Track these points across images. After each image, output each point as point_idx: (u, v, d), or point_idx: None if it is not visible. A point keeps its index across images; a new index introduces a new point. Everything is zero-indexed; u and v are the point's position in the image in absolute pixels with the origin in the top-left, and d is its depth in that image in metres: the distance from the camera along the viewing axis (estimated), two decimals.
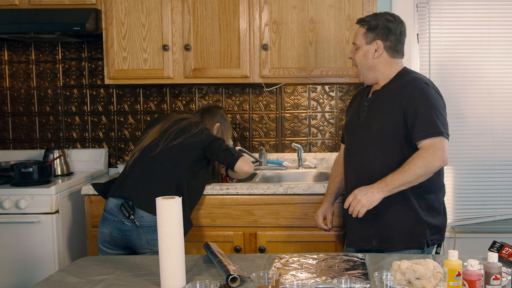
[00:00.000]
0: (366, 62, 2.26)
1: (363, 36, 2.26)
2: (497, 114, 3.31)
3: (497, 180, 3.33)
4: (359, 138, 2.27)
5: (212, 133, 2.71)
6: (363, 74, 2.29)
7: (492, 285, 1.49)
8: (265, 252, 2.74)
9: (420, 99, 2.14)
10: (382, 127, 2.18)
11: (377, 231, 2.19)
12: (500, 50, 3.28)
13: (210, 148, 2.59)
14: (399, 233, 2.18)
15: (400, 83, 2.22)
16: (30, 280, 2.81)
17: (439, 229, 2.26)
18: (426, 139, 2.10)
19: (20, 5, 3.10)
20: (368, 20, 2.27)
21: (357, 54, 2.27)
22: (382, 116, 2.20)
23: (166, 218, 1.65)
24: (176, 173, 2.53)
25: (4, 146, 3.54)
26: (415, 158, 2.08)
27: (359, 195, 2.09)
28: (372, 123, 2.22)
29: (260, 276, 1.57)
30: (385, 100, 2.22)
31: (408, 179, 2.07)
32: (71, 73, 3.49)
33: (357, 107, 2.35)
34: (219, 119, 2.83)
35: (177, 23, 3.05)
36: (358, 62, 2.28)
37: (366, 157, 2.21)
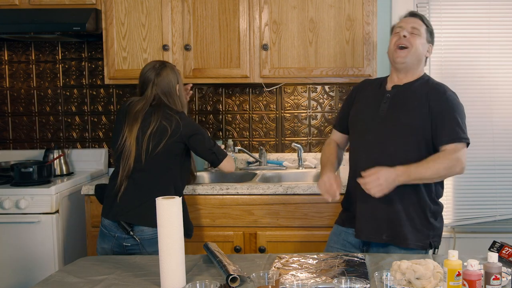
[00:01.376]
0: (421, 51, 2.27)
1: (425, 32, 2.28)
2: (497, 114, 3.31)
3: (497, 180, 3.33)
4: (379, 130, 2.22)
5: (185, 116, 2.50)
6: (412, 61, 2.25)
7: (492, 285, 1.49)
8: (265, 252, 2.74)
9: (450, 105, 2.19)
10: (408, 123, 2.19)
11: (389, 226, 2.19)
12: (500, 50, 3.28)
13: (192, 144, 2.48)
14: (409, 232, 2.19)
15: (426, 85, 2.26)
16: (30, 280, 2.81)
17: (440, 232, 2.28)
18: (451, 144, 2.14)
19: (20, 5, 3.10)
20: (428, 22, 2.32)
21: (417, 39, 2.25)
22: (410, 112, 2.20)
23: (166, 218, 1.65)
24: (171, 178, 2.45)
25: (4, 146, 3.54)
26: (441, 158, 2.10)
27: (382, 178, 2.02)
28: (397, 117, 2.20)
29: (260, 276, 1.57)
30: (411, 97, 2.23)
31: (429, 175, 2.10)
32: (71, 73, 3.49)
33: (373, 97, 2.31)
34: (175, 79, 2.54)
35: (177, 23, 3.05)
36: (415, 46, 2.24)
37: (387, 149, 2.18)
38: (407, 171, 2.07)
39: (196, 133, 2.48)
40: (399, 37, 2.26)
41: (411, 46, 2.24)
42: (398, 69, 2.28)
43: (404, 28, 2.27)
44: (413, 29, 2.26)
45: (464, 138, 2.16)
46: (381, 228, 2.19)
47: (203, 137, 2.49)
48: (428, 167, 2.08)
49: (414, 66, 2.28)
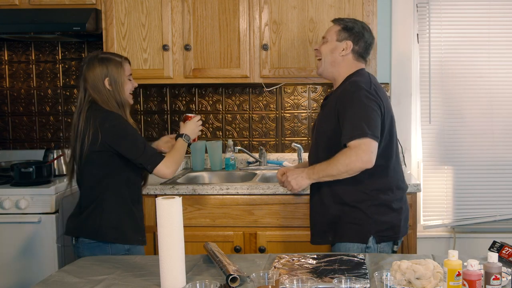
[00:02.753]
0: (331, 56, 2.32)
1: (335, 33, 2.32)
2: (497, 114, 3.31)
3: (497, 180, 3.33)
4: (313, 140, 2.40)
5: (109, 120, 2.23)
6: (324, 67, 2.34)
7: (492, 285, 1.49)
8: (265, 252, 2.74)
9: (348, 103, 2.20)
10: (324, 131, 2.29)
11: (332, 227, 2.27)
12: (500, 50, 3.28)
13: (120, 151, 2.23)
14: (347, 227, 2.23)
15: (342, 87, 2.30)
16: (30, 280, 2.80)
17: (391, 224, 2.26)
18: (352, 141, 2.14)
19: (20, 5, 3.10)
20: (346, 21, 2.35)
21: (324, 47, 2.33)
22: (324, 120, 2.30)
23: (166, 218, 1.65)
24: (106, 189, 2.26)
25: (4, 146, 3.54)
26: (340, 154, 2.15)
27: (289, 177, 2.24)
28: (318, 127, 2.34)
29: (260, 276, 1.57)
30: (329, 105, 2.31)
31: (331, 172, 2.17)
32: (71, 73, 3.49)
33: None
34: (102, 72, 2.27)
35: (177, 23, 3.05)
36: (323, 54, 2.33)
37: (316, 158, 2.29)
38: (312, 168, 2.22)
39: (119, 138, 2.22)
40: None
41: (321, 55, 2.35)
42: (326, 79, 2.42)
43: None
44: (323, 39, 2.37)
45: (363, 133, 2.12)
46: (325, 231, 2.29)
47: (127, 143, 2.23)
48: (328, 164, 2.17)
49: (334, 71, 2.34)
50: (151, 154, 2.26)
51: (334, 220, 2.25)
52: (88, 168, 2.28)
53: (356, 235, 2.22)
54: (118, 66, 2.29)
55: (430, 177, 3.35)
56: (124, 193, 2.29)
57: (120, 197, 2.28)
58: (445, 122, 3.32)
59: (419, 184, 2.78)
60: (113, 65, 2.28)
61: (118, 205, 2.28)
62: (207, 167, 3.37)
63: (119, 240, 2.27)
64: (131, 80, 2.36)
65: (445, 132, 3.32)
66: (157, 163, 2.25)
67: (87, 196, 2.31)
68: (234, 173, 3.29)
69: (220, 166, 3.34)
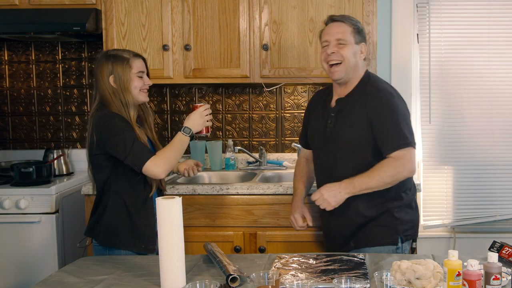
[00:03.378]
0: (354, 60, 2.22)
1: (352, 35, 2.21)
2: (497, 114, 3.31)
3: (497, 180, 3.33)
4: (328, 150, 2.27)
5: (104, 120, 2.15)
6: (347, 73, 2.23)
7: (492, 285, 1.49)
8: (265, 252, 2.74)
9: (387, 111, 2.17)
10: (351, 140, 2.20)
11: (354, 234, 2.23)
12: (500, 50, 3.28)
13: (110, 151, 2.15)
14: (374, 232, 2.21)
15: (364, 92, 2.23)
16: (30, 280, 2.81)
17: (413, 224, 2.29)
18: (395, 151, 2.14)
19: (20, 5, 3.10)
20: (354, 21, 2.25)
21: (347, 50, 2.20)
22: (351, 128, 2.21)
23: (166, 218, 1.65)
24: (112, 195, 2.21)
25: (4, 146, 3.54)
26: (385, 166, 2.13)
27: (326, 195, 2.12)
28: (340, 135, 2.23)
29: (260, 276, 1.57)
30: (351, 110, 2.23)
31: (375, 185, 2.13)
32: (71, 73, 3.49)
33: (321, 116, 2.34)
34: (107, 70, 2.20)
35: (177, 23, 3.05)
36: (346, 58, 2.20)
37: (337, 170, 2.22)
38: (351, 182, 2.12)
39: (107, 139, 2.13)
40: (327, 54, 2.22)
41: (343, 59, 2.20)
42: (338, 83, 2.29)
43: (330, 42, 2.22)
44: (339, 41, 2.20)
45: (407, 143, 2.15)
46: (347, 238, 2.24)
47: (115, 141, 2.12)
48: (373, 177, 2.11)
49: (352, 76, 2.26)
50: (138, 152, 2.09)
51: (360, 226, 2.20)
52: (94, 172, 2.27)
53: (387, 237, 2.21)
54: (124, 62, 2.19)
55: (430, 177, 3.35)
56: (126, 197, 2.20)
57: (121, 202, 2.20)
58: (445, 122, 3.32)
59: (419, 184, 2.78)
60: (119, 62, 2.19)
61: (118, 209, 2.21)
62: (207, 167, 3.37)
63: (115, 245, 2.21)
64: (142, 78, 2.23)
65: (445, 132, 3.32)
66: (144, 161, 2.07)
67: (96, 199, 2.29)
68: (234, 173, 3.29)
69: (220, 166, 3.34)
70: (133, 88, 2.21)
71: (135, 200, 2.20)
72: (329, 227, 2.32)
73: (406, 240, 2.25)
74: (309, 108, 2.49)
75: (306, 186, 2.47)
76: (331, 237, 2.32)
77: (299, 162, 2.55)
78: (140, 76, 2.24)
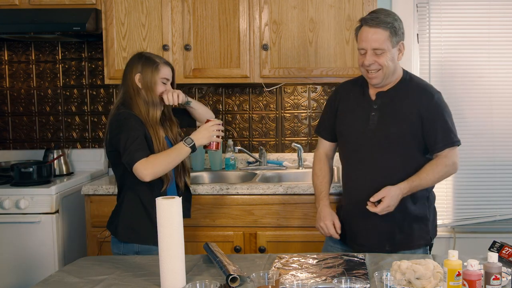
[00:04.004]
0: (393, 64, 2.17)
1: (389, 40, 2.13)
2: (497, 114, 3.31)
3: (497, 180, 3.33)
4: (373, 143, 2.19)
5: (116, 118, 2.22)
6: (386, 78, 2.18)
7: (492, 285, 1.49)
8: (265, 252, 2.74)
9: (439, 109, 2.20)
10: (401, 133, 2.17)
11: (391, 237, 2.21)
12: (500, 50, 3.28)
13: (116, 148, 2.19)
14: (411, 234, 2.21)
15: (411, 88, 2.22)
16: (30, 280, 2.81)
17: (435, 224, 2.33)
18: (446, 149, 2.18)
19: (20, 5, 3.10)
20: (390, 22, 2.14)
21: (384, 58, 2.13)
22: (400, 122, 2.18)
23: (166, 218, 1.65)
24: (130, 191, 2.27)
25: (4, 146, 3.54)
26: (439, 166, 2.17)
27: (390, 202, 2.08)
28: (388, 129, 2.18)
29: (260, 276, 1.57)
30: (399, 105, 2.20)
31: (429, 184, 2.18)
32: (71, 73, 3.49)
33: (360, 108, 2.26)
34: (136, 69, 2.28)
35: (177, 23, 3.05)
36: (385, 66, 2.14)
37: (384, 162, 2.18)
38: (409, 185, 2.12)
39: (116, 134, 2.18)
40: (365, 63, 2.16)
41: (382, 66, 2.15)
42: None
43: (367, 51, 2.15)
44: (376, 50, 2.13)
45: (456, 141, 2.21)
46: (383, 240, 2.21)
47: (119, 138, 2.16)
48: (428, 177, 2.15)
49: (393, 77, 2.22)
50: (134, 151, 2.10)
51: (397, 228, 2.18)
52: (112, 168, 2.34)
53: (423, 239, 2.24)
54: (153, 66, 2.26)
55: None
56: (141, 193, 2.24)
57: (136, 197, 2.25)
58: None
59: None
60: (149, 64, 2.26)
61: (134, 205, 2.26)
62: (207, 167, 3.37)
63: (131, 240, 2.26)
64: (165, 84, 2.29)
65: None
66: (135, 161, 2.09)
67: (117, 195, 2.36)
68: (234, 173, 3.29)
69: (220, 166, 3.34)
70: (156, 91, 2.27)
71: (150, 195, 2.20)
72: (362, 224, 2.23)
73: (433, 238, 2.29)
74: (335, 99, 2.37)
75: (329, 188, 2.38)
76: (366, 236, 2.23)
77: (320, 159, 2.41)
78: (164, 82, 2.29)
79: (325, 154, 2.42)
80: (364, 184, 2.20)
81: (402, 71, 2.28)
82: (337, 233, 2.26)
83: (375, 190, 2.13)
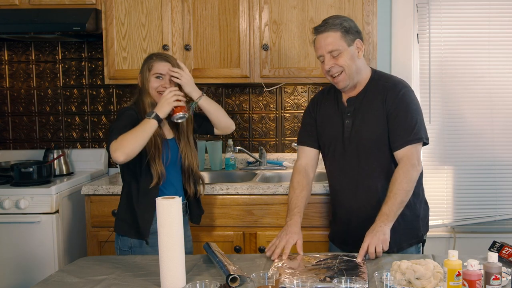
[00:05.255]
0: (354, 64, 2.15)
1: (342, 40, 2.12)
2: (497, 114, 3.31)
3: (497, 180, 3.33)
4: (350, 152, 2.19)
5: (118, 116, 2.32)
6: (352, 79, 2.16)
7: (492, 285, 1.49)
8: (265, 252, 2.73)
9: (402, 105, 2.14)
10: (374, 137, 2.15)
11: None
12: (500, 50, 3.28)
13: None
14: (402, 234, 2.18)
15: (379, 88, 2.19)
16: (30, 280, 2.81)
17: (426, 219, 2.30)
18: (405, 147, 2.11)
19: (20, 5, 3.10)
20: (338, 24, 2.13)
21: (342, 58, 2.12)
22: (372, 125, 2.16)
23: (166, 218, 1.65)
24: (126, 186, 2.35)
25: (4, 146, 3.54)
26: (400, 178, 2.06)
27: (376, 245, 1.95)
28: (362, 134, 2.17)
29: (260, 276, 1.57)
30: (369, 107, 2.18)
31: (402, 199, 2.05)
32: (71, 73, 3.49)
33: (335, 115, 2.26)
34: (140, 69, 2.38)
35: (177, 23, 3.05)
36: (345, 66, 2.13)
37: (363, 169, 2.17)
38: (387, 217, 2.01)
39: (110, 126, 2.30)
40: (326, 69, 2.16)
41: (343, 67, 2.14)
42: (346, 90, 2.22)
43: (324, 57, 2.14)
44: (332, 53, 2.13)
45: (417, 138, 2.12)
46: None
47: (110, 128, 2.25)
48: (396, 196, 2.03)
49: (357, 77, 2.19)
50: (112, 135, 2.14)
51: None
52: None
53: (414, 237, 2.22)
54: (148, 63, 2.31)
55: (430, 177, 3.35)
56: (131, 187, 2.29)
57: (128, 191, 2.31)
58: (445, 122, 3.32)
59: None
60: (146, 62, 2.33)
61: (125, 198, 2.33)
62: (207, 167, 3.37)
63: (120, 232, 2.33)
64: (159, 78, 2.29)
65: (445, 132, 3.32)
66: (109, 144, 2.13)
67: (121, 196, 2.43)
68: (234, 173, 3.29)
69: (220, 166, 3.34)
70: (150, 89, 2.30)
71: (138, 190, 2.27)
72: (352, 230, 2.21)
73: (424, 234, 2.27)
74: (313, 109, 2.36)
75: (305, 203, 2.28)
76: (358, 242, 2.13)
77: (299, 171, 2.31)
78: (159, 77, 2.29)
79: (305, 166, 2.34)
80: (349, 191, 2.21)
81: (370, 70, 2.25)
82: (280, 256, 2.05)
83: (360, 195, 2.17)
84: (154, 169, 2.22)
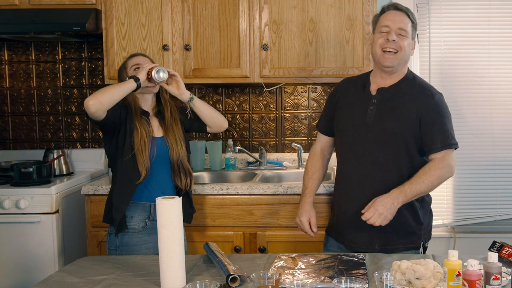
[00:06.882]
0: (408, 52, 2.20)
1: (411, 28, 2.19)
2: (497, 114, 3.31)
3: (497, 180, 3.33)
4: (368, 138, 2.18)
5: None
6: (399, 64, 2.19)
7: (492, 285, 1.49)
8: (265, 252, 2.74)
9: (438, 110, 2.18)
10: (397, 130, 2.15)
11: (381, 236, 2.17)
12: (500, 50, 3.28)
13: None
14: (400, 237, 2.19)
15: (412, 87, 2.21)
16: (30, 280, 2.81)
17: (429, 227, 2.30)
18: (441, 151, 2.15)
19: (20, 5, 3.10)
20: (412, 15, 2.21)
21: (405, 41, 2.16)
22: (398, 119, 2.17)
23: (166, 218, 1.65)
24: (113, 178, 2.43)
25: (4, 146, 3.54)
26: (433, 169, 2.11)
27: (380, 209, 2.03)
28: (385, 123, 2.17)
29: (260, 276, 1.57)
30: (399, 102, 2.19)
31: (425, 189, 2.11)
32: (71, 73, 3.49)
33: (359, 102, 2.25)
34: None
35: (177, 23, 3.05)
36: (403, 49, 2.16)
37: (377, 158, 2.16)
38: (402, 191, 2.07)
39: None
40: (386, 40, 2.17)
41: (400, 49, 2.16)
42: (385, 71, 2.22)
43: (391, 29, 2.16)
44: (401, 31, 2.16)
45: (453, 144, 2.18)
46: (373, 238, 2.18)
47: None
48: (422, 182, 2.09)
49: (401, 68, 2.23)
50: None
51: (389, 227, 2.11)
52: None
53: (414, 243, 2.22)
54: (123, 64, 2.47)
55: None
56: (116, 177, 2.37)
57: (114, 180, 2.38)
58: None
59: None
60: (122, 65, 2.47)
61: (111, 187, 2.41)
62: (207, 167, 3.37)
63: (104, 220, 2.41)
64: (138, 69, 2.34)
65: None
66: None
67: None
68: (234, 173, 3.29)
69: (220, 166, 3.34)
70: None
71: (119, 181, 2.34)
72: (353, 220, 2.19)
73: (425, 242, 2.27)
74: (336, 94, 2.36)
75: (317, 185, 2.38)
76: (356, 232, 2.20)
77: (314, 154, 2.41)
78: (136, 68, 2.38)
79: (321, 150, 2.41)
80: (357, 178, 2.20)
81: (407, 69, 2.28)
82: (312, 231, 2.29)
83: (366, 184, 2.16)
84: (140, 162, 2.28)
